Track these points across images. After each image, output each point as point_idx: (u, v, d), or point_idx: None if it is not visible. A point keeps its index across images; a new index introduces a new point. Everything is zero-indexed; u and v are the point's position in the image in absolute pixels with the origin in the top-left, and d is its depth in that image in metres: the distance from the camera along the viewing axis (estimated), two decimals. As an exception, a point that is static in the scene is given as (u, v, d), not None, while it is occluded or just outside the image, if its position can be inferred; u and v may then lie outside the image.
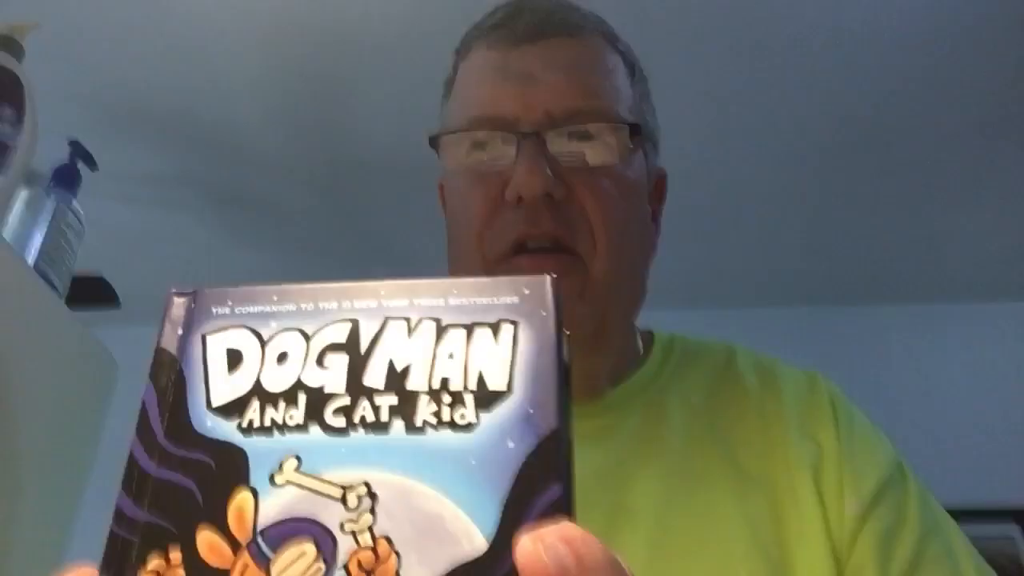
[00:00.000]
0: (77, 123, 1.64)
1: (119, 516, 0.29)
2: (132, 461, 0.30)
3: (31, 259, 0.97)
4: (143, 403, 0.32)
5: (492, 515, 0.28)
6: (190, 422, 0.31)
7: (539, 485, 0.29)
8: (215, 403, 0.31)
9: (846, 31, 1.78)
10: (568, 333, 0.32)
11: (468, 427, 0.30)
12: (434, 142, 0.68)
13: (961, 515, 0.65)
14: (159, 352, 0.33)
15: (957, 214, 2.24)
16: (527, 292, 0.33)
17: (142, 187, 2.17)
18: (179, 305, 0.34)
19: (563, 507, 0.28)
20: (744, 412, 0.67)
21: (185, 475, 0.30)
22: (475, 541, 0.28)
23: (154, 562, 0.28)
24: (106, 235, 2.11)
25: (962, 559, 0.60)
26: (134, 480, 0.30)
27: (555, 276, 0.33)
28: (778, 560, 0.58)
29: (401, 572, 0.28)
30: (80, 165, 1.08)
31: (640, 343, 0.74)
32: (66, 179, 1.05)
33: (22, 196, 1.00)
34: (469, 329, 0.32)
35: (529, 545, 0.26)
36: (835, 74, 1.87)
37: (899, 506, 0.62)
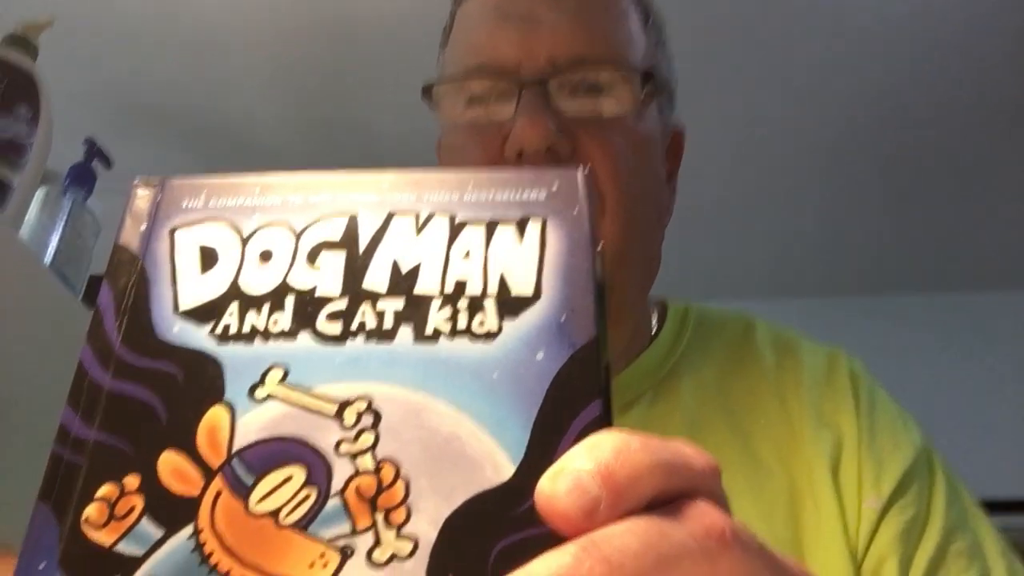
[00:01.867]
0: (92, 121, 1.65)
1: (62, 435, 0.24)
2: (81, 371, 0.25)
3: (48, 259, 0.93)
4: (97, 306, 0.26)
5: (520, 436, 0.23)
6: (152, 327, 0.26)
7: (575, 402, 0.24)
8: (183, 306, 0.26)
9: (872, 15, 1.74)
10: (601, 246, 0.28)
11: (489, 336, 0.25)
12: (428, 94, 0.62)
13: (994, 507, 0.60)
14: (117, 250, 0.28)
15: (977, 202, 2.21)
16: (556, 187, 0.28)
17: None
18: (143, 197, 0.29)
19: (603, 426, 0.24)
20: (761, 394, 0.62)
21: (145, 388, 0.25)
22: (500, 467, 0.23)
23: (105, 489, 0.23)
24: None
25: (991, 557, 0.56)
26: (82, 393, 0.25)
27: (588, 168, 0.28)
28: (793, 556, 0.53)
29: (410, 501, 0.23)
30: (96, 164, 1.04)
31: (653, 316, 0.69)
32: (82, 178, 1.01)
33: (37, 196, 0.96)
34: (489, 226, 0.27)
35: (546, 486, 0.21)
36: (850, 63, 1.84)
37: (923, 497, 0.57)
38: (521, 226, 0.27)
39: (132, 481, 0.23)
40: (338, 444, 0.24)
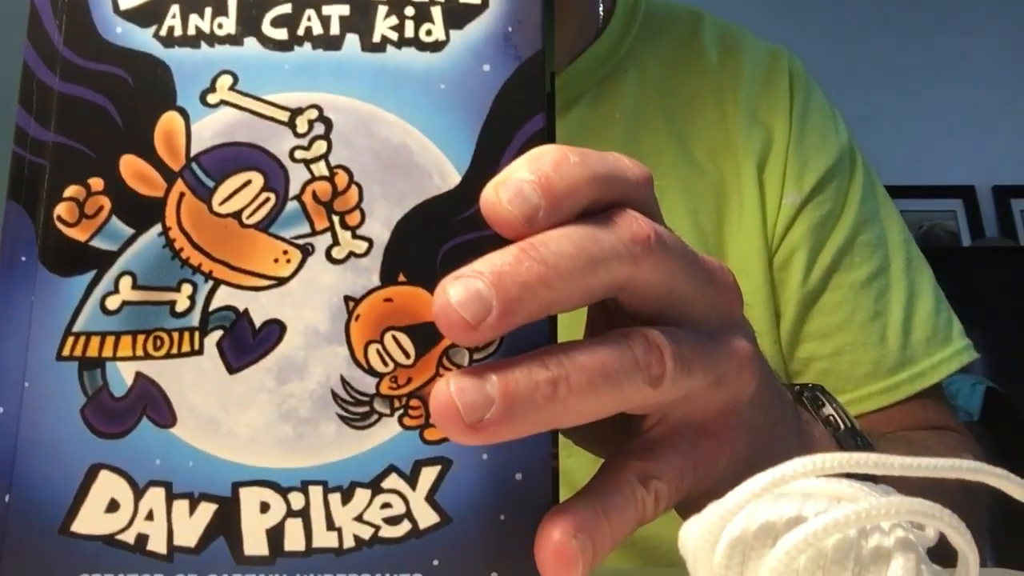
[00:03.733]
0: None
1: (21, 136, 0.25)
2: (28, 72, 0.25)
3: None
4: (31, 3, 0.26)
5: (465, 147, 0.25)
6: (94, 27, 0.25)
7: (519, 115, 0.25)
8: (124, 5, 0.26)
9: None
10: None
11: (436, 46, 0.26)
12: None
13: (909, 191, 0.65)
14: (43, -61, 0.26)
15: None
16: None
17: None
18: None
19: (545, 139, 0.25)
20: (701, 93, 0.63)
21: (96, 91, 0.25)
22: (447, 175, 0.25)
23: (72, 189, 0.24)
24: None
25: (893, 248, 0.61)
26: (33, 95, 0.25)
27: None
28: (714, 249, 0.58)
29: (363, 206, 0.25)
30: None
31: (601, 7, 0.67)
32: None
33: None
34: None
35: (490, 194, 0.23)
36: None
37: (840, 194, 0.61)
38: None
39: (96, 183, 0.24)
40: (292, 151, 0.25)
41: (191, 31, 0.25)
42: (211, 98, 0.25)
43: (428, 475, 0.24)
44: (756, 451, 0.28)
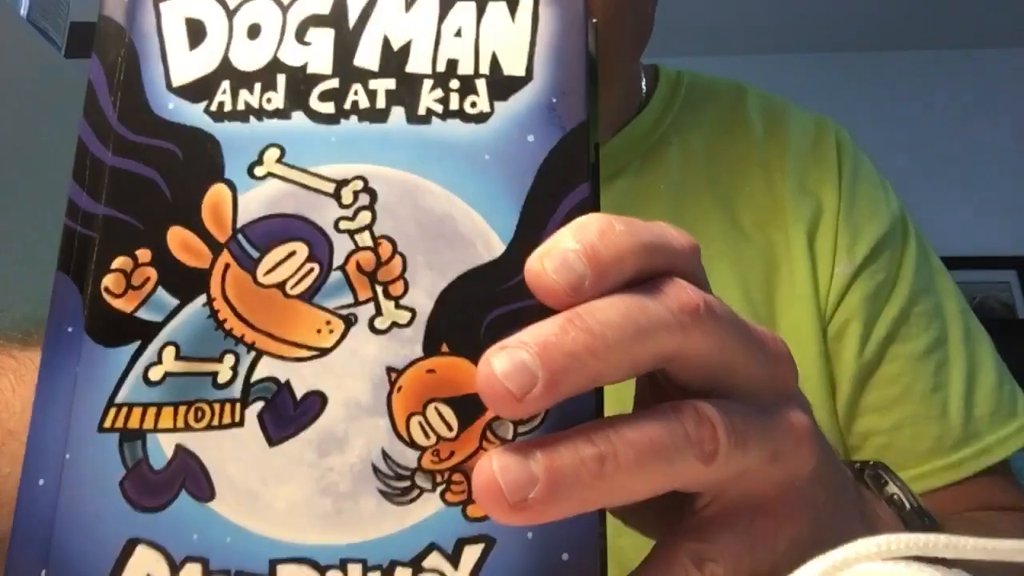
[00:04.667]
0: None
1: (73, 209, 0.25)
2: (82, 148, 0.26)
3: (23, 11, 0.87)
4: (89, 82, 0.27)
5: (510, 217, 0.25)
6: (147, 104, 0.26)
7: (564, 184, 0.25)
8: (176, 82, 0.26)
9: None
10: (595, 20, 0.27)
11: (481, 117, 0.26)
12: None
13: (961, 262, 0.64)
14: (103, 21, 0.27)
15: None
16: None
17: None
18: (122, -35, 0.28)
19: (590, 208, 0.25)
20: (747, 163, 0.63)
21: (147, 165, 0.25)
22: (491, 245, 0.25)
23: (119, 261, 0.25)
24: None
25: (950, 319, 0.60)
26: (87, 169, 0.26)
27: None
28: (765, 320, 0.57)
29: (407, 276, 0.24)
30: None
31: (644, 82, 0.68)
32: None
33: (9, -56, 0.88)
34: (480, 3, 0.27)
35: (535, 263, 0.23)
36: None
37: (894, 263, 0.60)
38: (513, 4, 0.27)
39: (144, 254, 0.25)
40: (337, 222, 0.25)
41: (240, 106, 0.26)
42: (258, 170, 0.25)
43: (471, 554, 0.23)
44: (818, 531, 0.26)
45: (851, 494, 0.31)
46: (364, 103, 0.26)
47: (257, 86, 0.26)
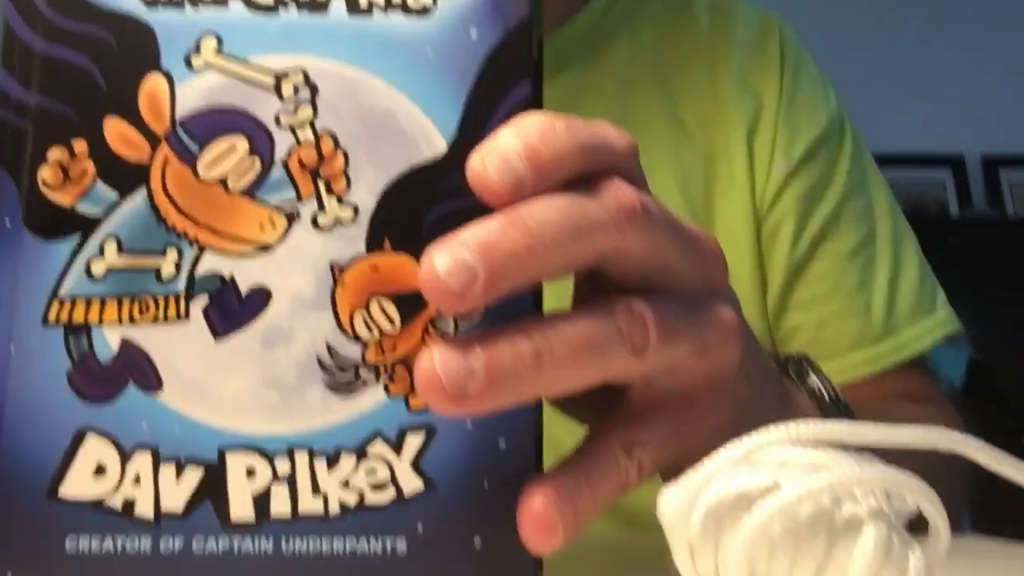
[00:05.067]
0: None
1: (3, 99, 0.24)
2: (9, 33, 0.25)
3: None
4: (12, -38, 0.25)
5: (452, 114, 0.25)
6: (77, -12, 0.25)
7: (506, 81, 0.25)
8: (106, -35, 0.25)
9: None
10: None
11: (423, 11, 0.25)
12: None
13: (897, 160, 0.66)
14: None
15: None
16: None
17: None
18: None
19: (532, 106, 0.25)
20: (692, 58, 0.63)
21: (80, 53, 0.25)
22: (433, 142, 0.25)
23: (55, 153, 0.24)
24: None
25: (880, 218, 0.62)
26: (15, 55, 0.25)
27: None
28: (703, 217, 0.58)
29: (349, 172, 0.24)
30: None
31: None
32: None
33: None
34: None
35: (476, 163, 0.23)
36: None
37: (829, 164, 0.61)
38: None
39: (81, 146, 0.24)
40: (278, 116, 0.25)
41: (175, -7, 0.25)
42: (196, 61, 0.25)
43: (413, 442, 0.24)
44: (741, 420, 0.28)
45: (774, 386, 0.33)
46: (304, -7, 0.25)
47: (192, -28, 0.25)
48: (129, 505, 0.23)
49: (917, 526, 0.21)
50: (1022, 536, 0.43)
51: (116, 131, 0.24)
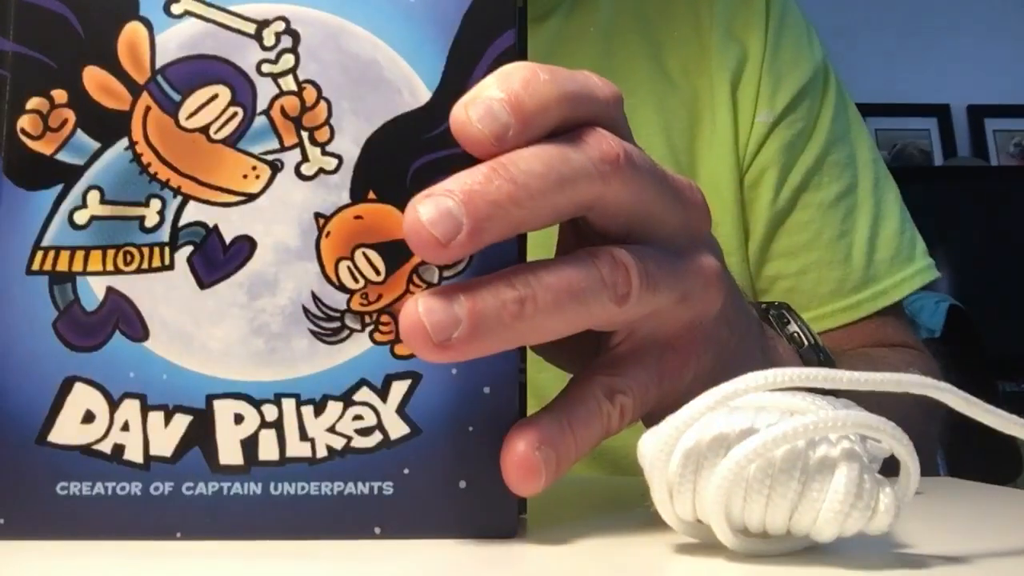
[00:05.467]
0: None
1: (-21, 45, 0.24)
2: (-17, -22, 0.24)
3: None
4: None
5: (435, 63, 0.25)
6: (52, -68, 0.25)
7: (490, 31, 0.25)
8: (81, -92, 0.25)
9: None
10: None
11: (406, -42, 0.25)
12: None
13: (882, 109, 0.66)
14: None
15: None
16: None
17: None
18: None
19: (516, 56, 0.25)
20: (677, 9, 0.62)
21: (58, 0, 0.24)
22: (416, 91, 0.25)
23: (35, 101, 0.24)
24: None
25: (861, 168, 0.62)
26: (-10, 2, 0.24)
27: None
28: (686, 167, 0.58)
29: (332, 122, 0.24)
30: None
31: None
32: None
33: None
34: None
35: (459, 113, 0.23)
36: None
37: (812, 114, 0.61)
38: None
39: (60, 95, 0.24)
40: (259, 64, 0.24)
41: (152, -63, 0.25)
42: (175, 8, 0.24)
43: (398, 388, 0.24)
44: (721, 367, 0.29)
45: (755, 333, 0.34)
46: (284, -62, 0.25)
47: (169, -85, 0.25)
48: (119, 450, 0.24)
49: (892, 468, 0.22)
50: (993, 477, 0.45)
51: (96, 80, 0.24)
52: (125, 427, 0.24)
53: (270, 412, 0.24)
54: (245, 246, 0.24)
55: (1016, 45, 2.40)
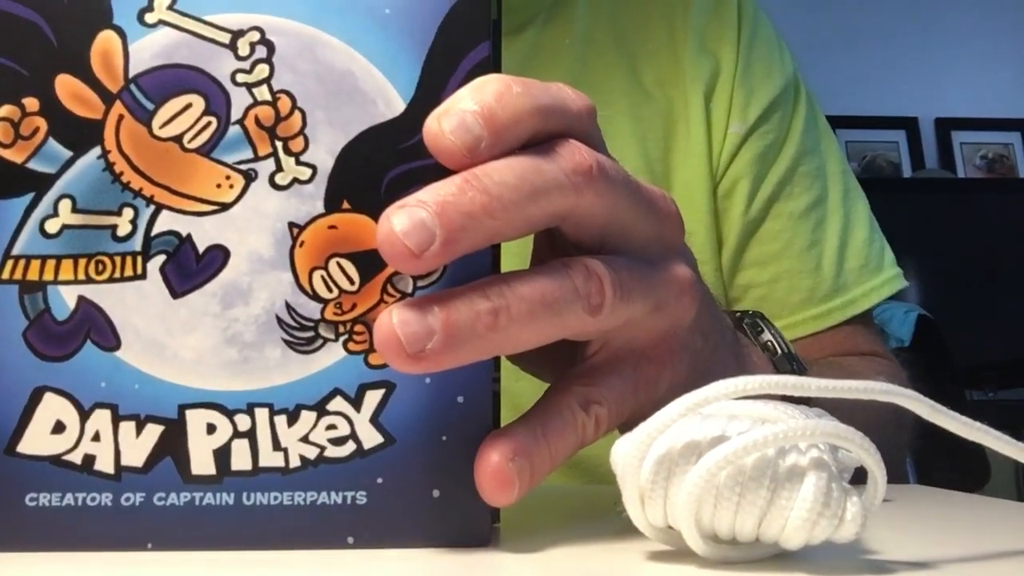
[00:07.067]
0: None
1: (-51, 53, 0.24)
2: (-47, -15, 0.24)
3: None
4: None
5: (410, 74, 0.25)
6: (24, -61, 0.24)
7: (464, 42, 0.25)
8: (54, -84, 0.25)
9: None
10: None
11: (381, -31, 0.25)
12: None
13: (852, 121, 0.67)
14: None
15: None
16: None
17: None
18: None
19: (490, 67, 0.25)
20: (652, 19, 0.63)
21: (27, 7, 0.24)
22: (391, 102, 0.25)
23: (5, 109, 0.24)
24: None
25: (831, 179, 0.63)
26: (-39, 9, 0.24)
27: None
28: (661, 177, 0.59)
29: (307, 132, 0.25)
30: None
31: None
32: None
33: None
34: None
35: (433, 125, 0.23)
36: None
37: (784, 125, 0.62)
38: None
39: (32, 103, 0.24)
40: (234, 74, 0.24)
41: (126, -54, 0.25)
42: (149, 17, 0.24)
43: (372, 398, 0.24)
44: (696, 375, 0.29)
45: (729, 341, 0.34)
46: (259, -51, 0.25)
47: (143, -75, 0.25)
48: (89, 460, 0.23)
49: (862, 477, 0.22)
50: (963, 484, 0.45)
51: (68, 88, 0.24)
52: (96, 437, 0.23)
53: (243, 422, 0.24)
54: (218, 255, 0.24)
55: (983, 60, 2.45)
